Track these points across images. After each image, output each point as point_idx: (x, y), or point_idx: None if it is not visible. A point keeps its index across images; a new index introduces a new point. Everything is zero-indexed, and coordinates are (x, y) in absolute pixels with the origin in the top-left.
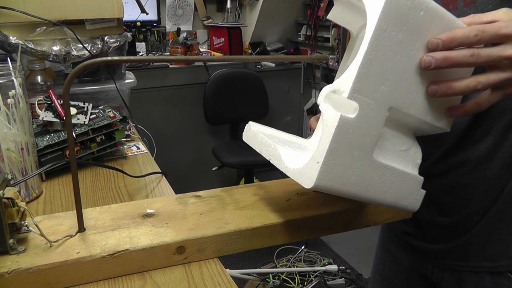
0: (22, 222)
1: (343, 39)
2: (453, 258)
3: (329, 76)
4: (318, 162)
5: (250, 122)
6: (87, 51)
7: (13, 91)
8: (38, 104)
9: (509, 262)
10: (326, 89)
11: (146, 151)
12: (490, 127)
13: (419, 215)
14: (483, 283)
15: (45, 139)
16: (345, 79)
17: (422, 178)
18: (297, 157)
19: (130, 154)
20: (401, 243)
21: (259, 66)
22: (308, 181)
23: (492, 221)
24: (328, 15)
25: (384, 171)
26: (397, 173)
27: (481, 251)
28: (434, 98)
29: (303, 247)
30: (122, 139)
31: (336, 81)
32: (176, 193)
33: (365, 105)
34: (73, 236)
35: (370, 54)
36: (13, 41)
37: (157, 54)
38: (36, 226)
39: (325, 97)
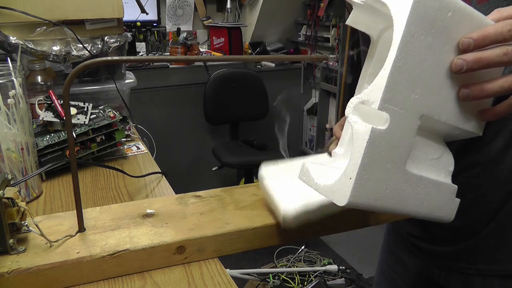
0: (22, 222)
1: (343, 39)
2: (461, 261)
3: (329, 76)
4: (350, 178)
5: (261, 172)
6: (87, 51)
7: (13, 91)
8: (38, 104)
9: None
10: (354, 100)
11: (146, 151)
12: (500, 128)
13: None
14: (491, 287)
15: (45, 139)
16: (374, 89)
17: (456, 186)
18: (327, 172)
19: (130, 154)
20: (407, 246)
21: (259, 66)
22: (341, 199)
23: (501, 223)
24: (347, 21)
25: (418, 182)
26: (431, 183)
27: (490, 254)
28: (466, 102)
29: (303, 247)
30: (122, 139)
31: (364, 91)
32: (176, 193)
33: (396, 115)
34: (73, 236)
35: (399, 61)
36: (13, 41)
37: (157, 54)
38: (36, 226)
39: (353, 109)
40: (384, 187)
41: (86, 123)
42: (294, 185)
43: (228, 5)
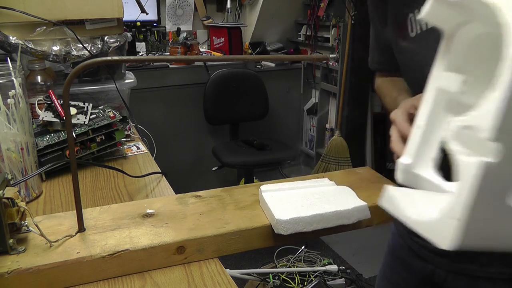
0: (22, 222)
1: (343, 39)
2: (469, 263)
3: (329, 76)
4: (458, 219)
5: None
6: (87, 51)
7: (13, 91)
8: (38, 104)
9: None
10: (457, 123)
11: (146, 151)
12: None
13: None
14: None
15: (45, 139)
16: (483, 115)
17: None
18: (417, 200)
19: (130, 154)
20: (413, 249)
21: (259, 66)
22: (443, 241)
23: None
24: (423, 15)
25: None
26: None
27: (501, 256)
28: None
29: (303, 247)
30: (122, 139)
31: (469, 115)
32: (176, 193)
33: (509, 145)
34: (73, 236)
35: None
36: (13, 41)
37: (157, 54)
38: (36, 226)
39: (456, 135)
40: (496, 226)
41: (86, 123)
42: (288, 200)
43: (228, 5)
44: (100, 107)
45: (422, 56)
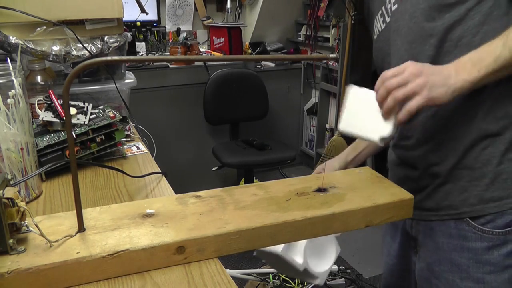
0: (22, 222)
1: (343, 39)
2: (425, 209)
3: (329, 76)
4: None
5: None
6: (87, 51)
7: (13, 91)
8: (38, 104)
9: (469, 209)
10: None
11: (146, 151)
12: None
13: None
14: (448, 229)
15: (45, 139)
16: None
17: None
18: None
19: (130, 154)
20: None
21: (259, 66)
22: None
23: (454, 171)
24: None
25: None
26: None
27: (446, 200)
28: None
29: None
30: (122, 139)
31: None
32: (176, 193)
33: None
34: (73, 236)
35: None
36: (13, 41)
37: (157, 54)
38: (36, 226)
39: None
40: None
41: (86, 123)
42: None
43: (228, 5)
44: (100, 107)
45: (383, 51)
